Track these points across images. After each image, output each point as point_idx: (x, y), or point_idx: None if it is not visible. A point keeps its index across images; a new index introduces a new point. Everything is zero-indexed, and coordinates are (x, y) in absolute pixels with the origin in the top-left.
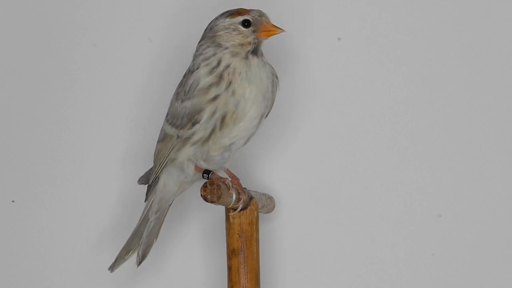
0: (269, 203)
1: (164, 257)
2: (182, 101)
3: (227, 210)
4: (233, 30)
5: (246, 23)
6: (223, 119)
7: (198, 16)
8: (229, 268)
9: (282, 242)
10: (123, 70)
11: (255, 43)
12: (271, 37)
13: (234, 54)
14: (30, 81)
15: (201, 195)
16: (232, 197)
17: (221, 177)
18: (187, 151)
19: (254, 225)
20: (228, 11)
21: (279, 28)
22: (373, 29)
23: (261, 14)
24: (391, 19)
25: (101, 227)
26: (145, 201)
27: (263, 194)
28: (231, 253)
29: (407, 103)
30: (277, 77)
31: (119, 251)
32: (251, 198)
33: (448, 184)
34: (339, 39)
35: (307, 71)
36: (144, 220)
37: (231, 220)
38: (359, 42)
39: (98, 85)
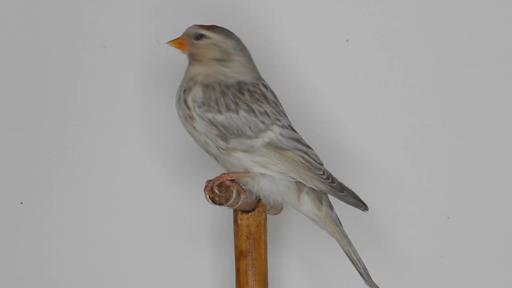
0: (277, 205)
1: (172, 258)
2: None
3: (235, 212)
4: None
5: None
6: None
7: (205, 18)
8: (237, 270)
9: (290, 243)
10: (132, 71)
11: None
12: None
13: None
14: (40, 84)
15: (209, 197)
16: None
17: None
18: None
19: (262, 226)
20: None
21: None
22: (381, 31)
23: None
24: (400, 20)
25: (109, 228)
26: None
27: None
28: (239, 255)
29: (416, 104)
30: (185, 90)
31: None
32: (259, 200)
33: (456, 185)
34: (347, 40)
35: (315, 73)
36: None
37: (239, 222)
38: (367, 44)
39: (108, 86)
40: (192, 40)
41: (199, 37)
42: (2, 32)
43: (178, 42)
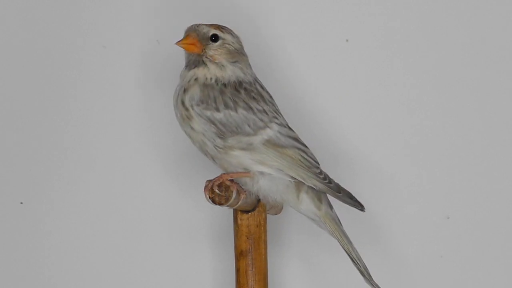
0: (277, 205)
1: (172, 258)
2: None
3: (235, 212)
4: None
5: None
6: None
7: (205, 18)
8: (237, 270)
9: (290, 243)
10: (132, 71)
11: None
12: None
13: None
14: (40, 84)
15: (209, 197)
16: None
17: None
18: None
19: (262, 226)
20: None
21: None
22: (381, 31)
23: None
24: (400, 20)
25: (109, 228)
26: None
27: None
28: (239, 255)
29: (416, 104)
30: (184, 90)
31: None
32: (258, 200)
33: (456, 185)
34: (347, 40)
35: (315, 73)
36: None
37: (239, 222)
38: (366, 44)
39: (108, 86)
40: (203, 40)
41: (213, 38)
42: (2, 32)
43: (190, 43)
